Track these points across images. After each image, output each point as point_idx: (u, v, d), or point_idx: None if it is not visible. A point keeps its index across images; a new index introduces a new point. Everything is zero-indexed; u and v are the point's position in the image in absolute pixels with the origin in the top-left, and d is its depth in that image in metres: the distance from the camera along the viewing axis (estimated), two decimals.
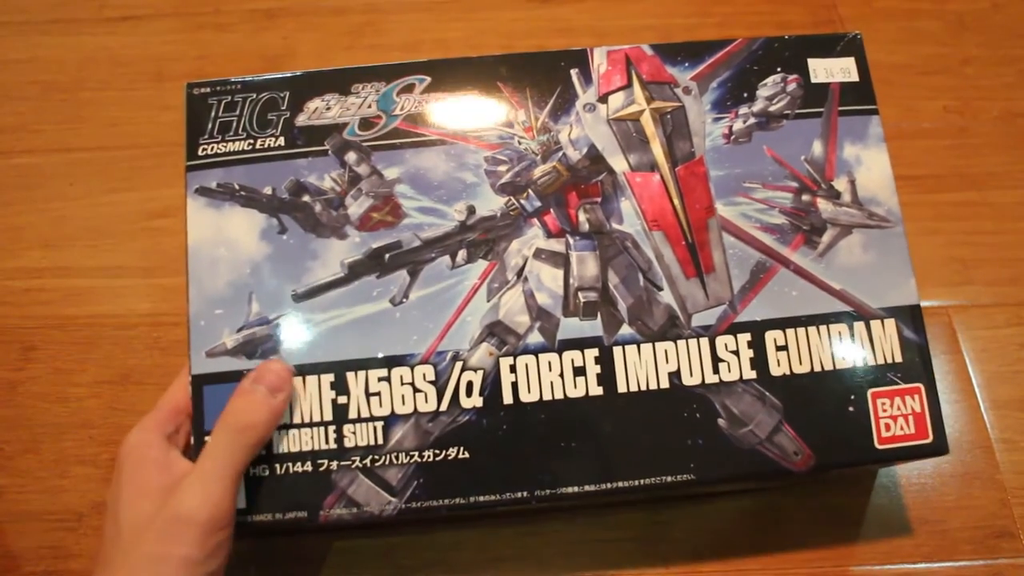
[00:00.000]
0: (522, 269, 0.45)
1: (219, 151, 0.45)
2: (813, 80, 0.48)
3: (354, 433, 0.43)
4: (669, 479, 0.43)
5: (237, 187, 0.45)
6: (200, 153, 0.45)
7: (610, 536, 0.50)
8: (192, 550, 0.38)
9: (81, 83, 0.65)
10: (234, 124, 0.46)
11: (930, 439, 0.44)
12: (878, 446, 0.43)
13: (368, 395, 0.43)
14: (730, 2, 0.70)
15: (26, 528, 0.50)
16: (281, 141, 0.46)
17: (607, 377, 0.43)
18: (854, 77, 0.48)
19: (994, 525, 0.51)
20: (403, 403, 0.43)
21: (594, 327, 0.44)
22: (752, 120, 0.47)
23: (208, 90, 0.46)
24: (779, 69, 0.48)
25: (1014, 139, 0.64)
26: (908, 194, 0.47)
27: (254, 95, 0.46)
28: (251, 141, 0.46)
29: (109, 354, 0.55)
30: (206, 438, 0.42)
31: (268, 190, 0.45)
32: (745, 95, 0.47)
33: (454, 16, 0.69)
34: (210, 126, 0.46)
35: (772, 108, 0.47)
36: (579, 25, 0.69)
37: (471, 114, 0.46)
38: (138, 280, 0.58)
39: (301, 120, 0.46)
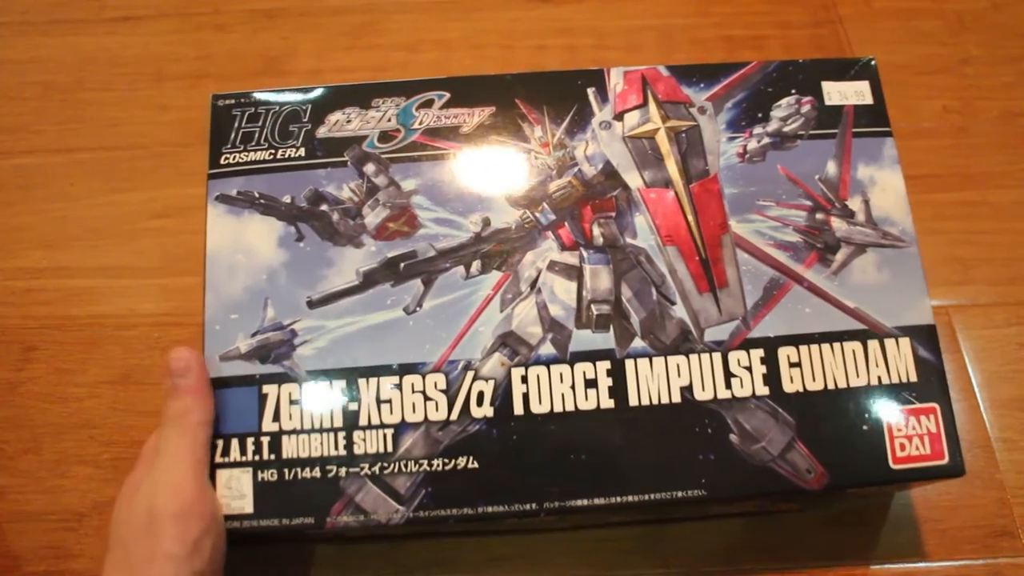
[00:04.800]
0: (536, 281, 0.45)
1: (241, 160, 0.46)
2: (827, 102, 0.48)
3: (364, 440, 0.43)
4: (679, 494, 0.42)
5: (257, 195, 0.46)
6: (222, 162, 0.46)
7: (610, 536, 0.50)
8: (173, 546, 0.38)
9: (81, 83, 0.65)
10: (256, 135, 0.47)
11: (946, 460, 0.43)
12: (893, 466, 0.43)
13: (379, 402, 0.43)
14: (730, 2, 0.70)
15: (27, 528, 0.50)
16: (302, 152, 0.47)
17: (619, 390, 0.43)
18: (868, 100, 0.48)
19: (994, 524, 0.50)
20: (414, 411, 0.43)
21: (606, 340, 0.44)
22: (766, 140, 0.47)
23: (232, 102, 0.47)
24: (793, 91, 0.48)
25: (1014, 138, 0.64)
26: (908, 194, 0.47)
27: (277, 107, 0.47)
28: (272, 151, 0.46)
29: (110, 354, 0.55)
30: (218, 441, 0.42)
31: (287, 199, 0.46)
32: (759, 116, 0.48)
33: (454, 16, 0.69)
34: (233, 136, 0.47)
35: (786, 128, 0.47)
36: (579, 25, 0.69)
37: (488, 129, 0.47)
38: (139, 280, 0.58)
39: (322, 132, 0.47)
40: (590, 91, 0.48)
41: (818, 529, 0.50)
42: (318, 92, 0.48)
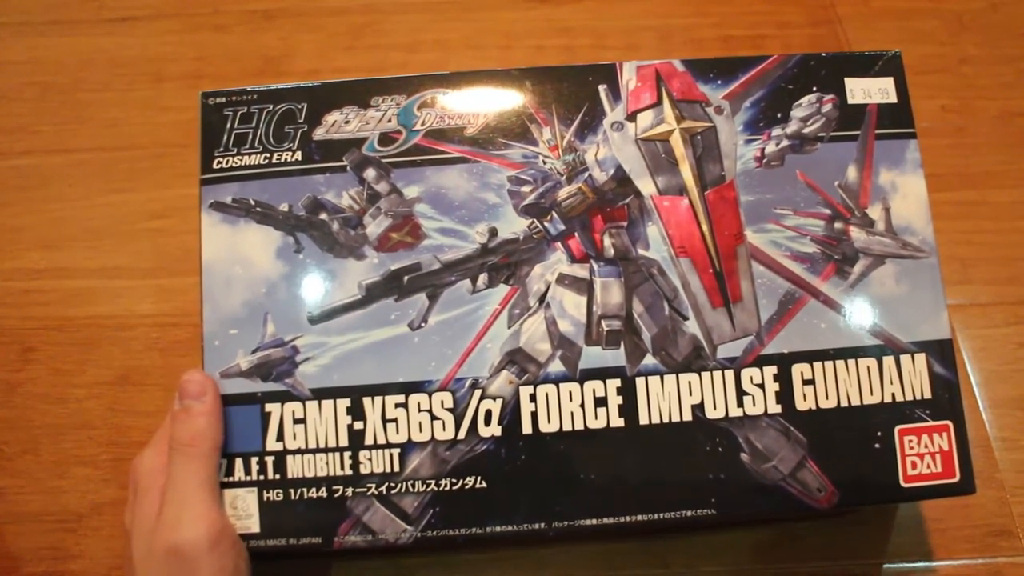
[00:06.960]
0: (544, 295, 0.43)
1: (234, 165, 0.44)
2: (850, 101, 0.46)
3: (370, 459, 0.42)
4: (689, 514, 0.42)
5: (253, 203, 0.44)
6: (215, 167, 0.44)
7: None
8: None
9: (80, 84, 0.64)
10: (250, 137, 0.44)
11: (957, 478, 0.43)
12: (903, 484, 0.42)
13: (385, 421, 0.42)
14: (728, 2, 0.69)
15: (26, 529, 0.50)
16: (298, 155, 0.44)
17: (629, 409, 0.42)
18: (892, 99, 0.46)
19: (993, 524, 0.51)
20: (420, 430, 0.42)
21: (617, 357, 0.43)
22: (785, 142, 0.45)
23: (223, 100, 0.45)
24: (815, 88, 0.46)
25: (1012, 138, 0.64)
26: None
27: (271, 106, 0.45)
28: (267, 155, 0.44)
29: (108, 355, 0.55)
30: (222, 460, 0.42)
31: (284, 207, 0.44)
32: (779, 116, 0.45)
33: (453, 16, 0.68)
34: (225, 138, 0.44)
35: (806, 130, 0.45)
36: (578, 25, 0.68)
37: (494, 131, 0.45)
38: (137, 281, 0.57)
39: (319, 134, 0.44)
40: (601, 88, 0.45)
41: (817, 528, 0.50)
42: (313, 88, 0.45)
